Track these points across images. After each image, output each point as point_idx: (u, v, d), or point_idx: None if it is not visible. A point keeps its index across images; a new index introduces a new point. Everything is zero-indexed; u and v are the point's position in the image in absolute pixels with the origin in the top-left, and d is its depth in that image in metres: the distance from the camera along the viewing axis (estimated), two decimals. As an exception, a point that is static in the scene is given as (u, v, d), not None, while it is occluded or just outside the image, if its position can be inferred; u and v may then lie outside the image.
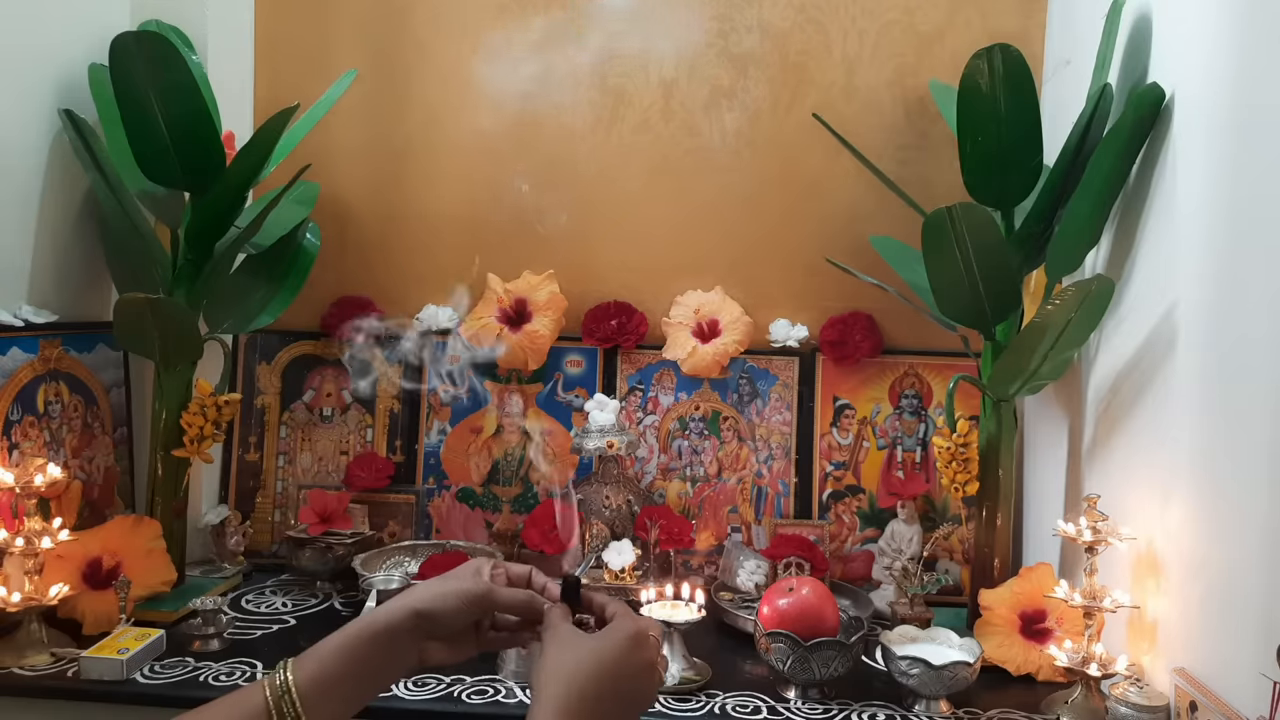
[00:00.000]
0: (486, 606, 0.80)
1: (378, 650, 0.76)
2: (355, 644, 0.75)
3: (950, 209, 1.16)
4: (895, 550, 1.49)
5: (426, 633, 0.78)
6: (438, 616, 0.77)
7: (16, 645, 1.18)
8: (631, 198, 1.65)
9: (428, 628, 0.77)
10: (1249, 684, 0.89)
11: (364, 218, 1.69)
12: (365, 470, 1.60)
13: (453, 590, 0.78)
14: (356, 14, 1.66)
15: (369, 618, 0.77)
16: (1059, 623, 1.24)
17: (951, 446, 1.32)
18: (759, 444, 1.62)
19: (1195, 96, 1.09)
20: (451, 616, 0.78)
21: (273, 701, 0.72)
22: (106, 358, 1.50)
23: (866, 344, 1.58)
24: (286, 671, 0.73)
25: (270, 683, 0.73)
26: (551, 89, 1.65)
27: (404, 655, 0.77)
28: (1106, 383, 1.26)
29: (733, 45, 1.63)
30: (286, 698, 0.72)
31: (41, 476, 1.20)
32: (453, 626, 0.79)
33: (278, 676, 0.73)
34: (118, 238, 1.46)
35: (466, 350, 1.56)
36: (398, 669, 0.78)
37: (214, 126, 1.35)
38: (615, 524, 1.47)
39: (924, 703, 1.14)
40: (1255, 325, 0.93)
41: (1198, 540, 1.03)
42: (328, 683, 0.73)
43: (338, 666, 0.74)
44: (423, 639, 0.78)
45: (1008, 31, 1.56)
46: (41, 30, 1.38)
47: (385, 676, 0.77)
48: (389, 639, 0.76)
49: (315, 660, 0.74)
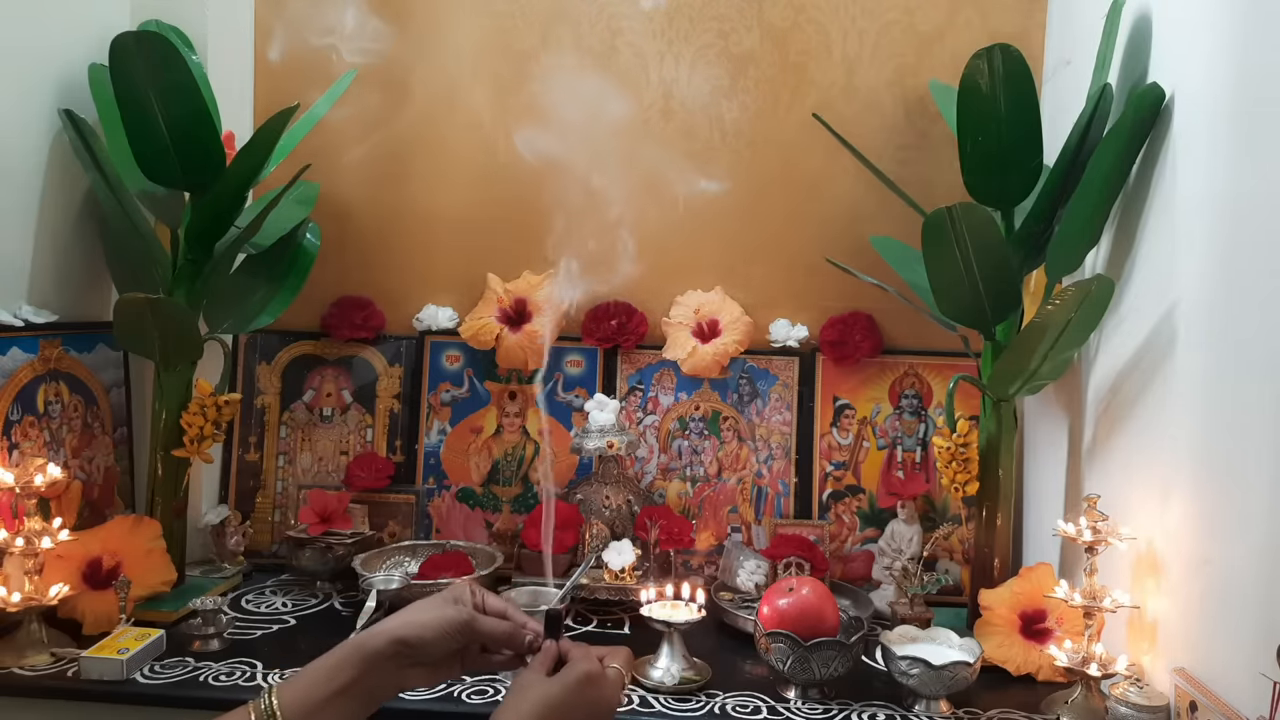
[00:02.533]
0: (469, 636, 0.82)
1: (361, 676, 0.78)
2: (339, 669, 0.77)
3: (950, 209, 1.16)
4: (895, 550, 1.49)
5: (409, 659, 0.80)
6: (420, 645, 0.80)
7: (16, 645, 1.18)
8: (632, 198, 1.64)
9: (410, 654, 0.80)
10: (1249, 684, 0.89)
11: (364, 218, 1.69)
12: (365, 470, 1.60)
13: (435, 620, 0.81)
14: (356, 14, 1.66)
15: (353, 643, 0.79)
16: (1059, 623, 1.24)
17: (951, 446, 1.32)
18: (759, 444, 1.62)
19: (1195, 96, 1.09)
20: (434, 645, 0.80)
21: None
22: (106, 358, 1.50)
23: (866, 344, 1.58)
24: (272, 696, 0.75)
25: (255, 707, 0.75)
26: (551, 89, 1.65)
27: (387, 681, 0.80)
28: (1106, 383, 1.26)
29: (733, 45, 1.63)
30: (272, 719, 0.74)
31: (41, 476, 1.20)
32: (435, 654, 0.81)
33: (263, 701, 0.75)
34: (118, 238, 1.46)
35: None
36: (380, 694, 0.80)
37: (214, 126, 1.35)
38: (615, 524, 1.47)
39: (924, 703, 1.14)
40: (1255, 325, 0.93)
41: (1198, 540, 1.03)
42: (312, 707, 0.75)
43: (322, 690, 0.76)
44: (406, 665, 0.80)
45: (1008, 31, 1.56)
46: (41, 30, 1.38)
47: (369, 701, 0.79)
48: (372, 665, 0.78)
49: (300, 685, 0.76)
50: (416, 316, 1.67)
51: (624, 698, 0.85)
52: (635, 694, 1.17)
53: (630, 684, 1.19)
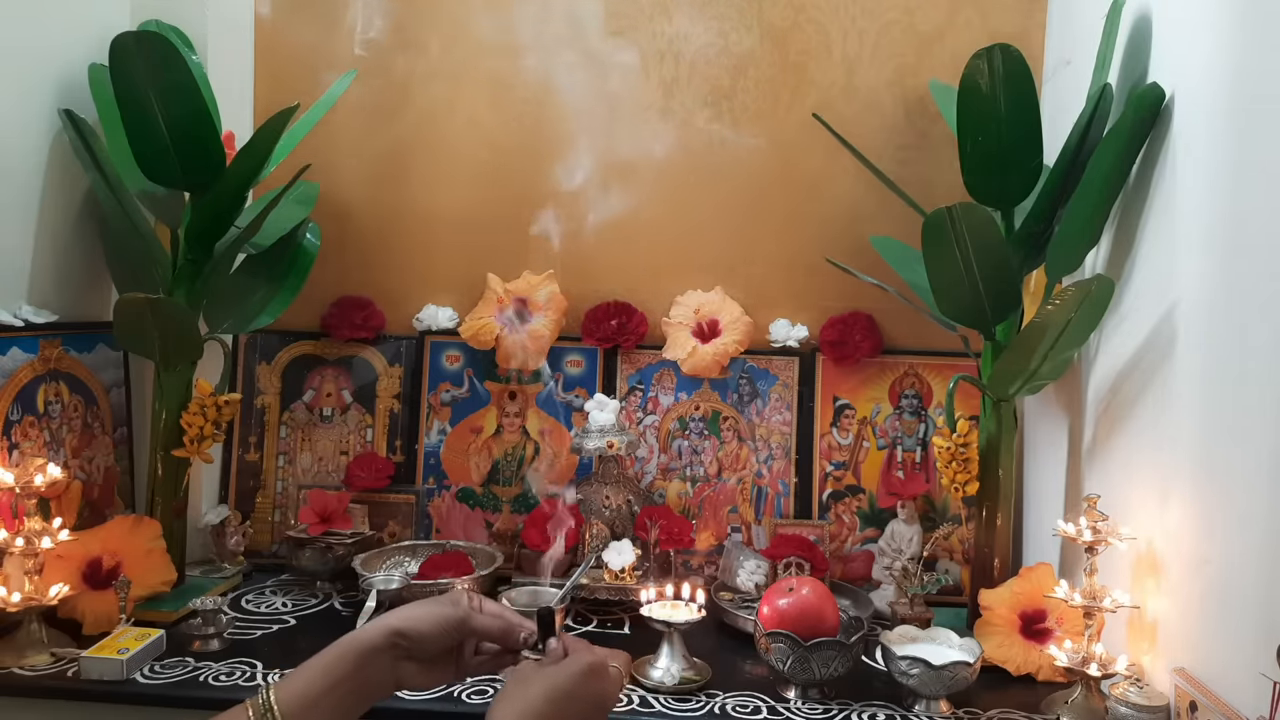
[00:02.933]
0: (464, 631, 0.83)
1: (357, 670, 0.78)
2: (335, 663, 0.78)
3: (950, 209, 1.16)
4: (895, 550, 1.49)
5: (405, 653, 0.80)
6: (416, 637, 0.80)
7: (16, 645, 1.18)
8: (632, 198, 1.64)
9: (406, 647, 0.80)
10: (1249, 684, 0.89)
11: (364, 218, 1.69)
12: (365, 470, 1.60)
13: (431, 613, 0.82)
14: (357, 14, 1.66)
15: (349, 637, 0.80)
16: (1059, 623, 1.24)
17: (951, 446, 1.32)
18: (759, 444, 1.62)
19: (1195, 96, 1.09)
20: (430, 638, 0.81)
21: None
22: (106, 358, 1.50)
23: (866, 344, 1.58)
24: (269, 693, 0.75)
25: (253, 704, 0.75)
26: (551, 90, 1.65)
27: (383, 675, 0.80)
28: (1106, 383, 1.26)
29: (733, 45, 1.63)
30: (269, 716, 0.74)
31: (41, 476, 1.20)
32: (430, 649, 0.82)
33: (260, 697, 0.75)
34: (118, 238, 1.46)
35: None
36: (376, 689, 0.80)
37: (214, 126, 1.35)
38: (615, 524, 1.47)
39: (924, 703, 1.14)
40: (1255, 325, 0.93)
41: (1197, 540, 1.03)
42: (310, 701, 0.76)
43: (319, 685, 0.77)
44: (401, 659, 0.81)
45: (1008, 31, 1.56)
46: (41, 30, 1.38)
47: (365, 696, 0.79)
48: (368, 658, 0.79)
49: (297, 681, 0.77)
50: (416, 316, 1.67)
51: (622, 698, 0.85)
52: (635, 694, 1.17)
53: (630, 684, 1.19)
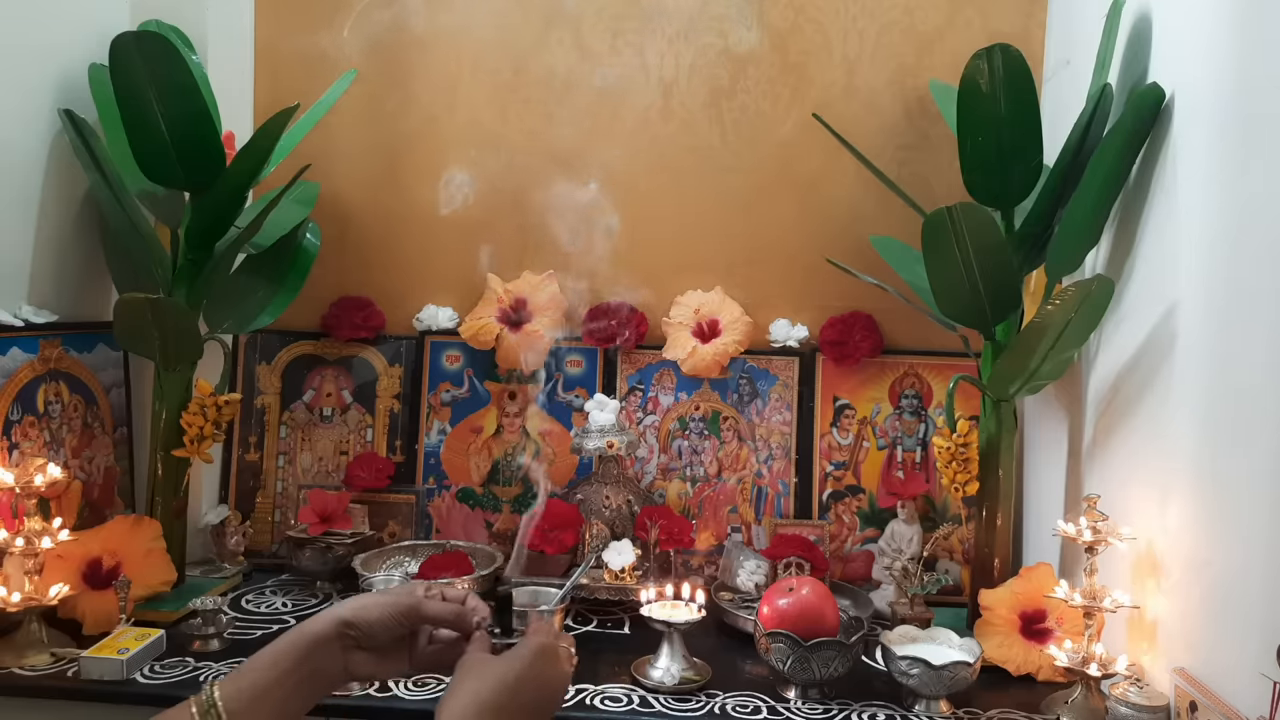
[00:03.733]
0: (414, 618, 0.82)
1: (305, 659, 0.77)
2: (283, 655, 0.77)
3: (950, 209, 1.16)
4: (895, 550, 1.49)
5: (354, 642, 0.80)
6: (365, 626, 0.79)
7: (16, 645, 1.18)
8: (632, 198, 1.64)
9: (355, 637, 0.79)
10: (1249, 684, 0.89)
11: (364, 218, 1.69)
12: (365, 470, 1.60)
13: (380, 602, 0.81)
14: (356, 14, 1.66)
15: (297, 628, 0.79)
16: (1059, 623, 1.24)
17: (951, 446, 1.32)
18: (759, 444, 1.62)
19: (1195, 96, 1.09)
20: (378, 626, 0.80)
21: (199, 717, 0.73)
22: (106, 358, 1.50)
23: (866, 344, 1.58)
24: (213, 688, 0.75)
25: (197, 700, 0.74)
26: (551, 90, 1.65)
27: (331, 665, 0.79)
28: (1106, 383, 1.26)
29: (733, 45, 1.63)
30: (213, 711, 0.73)
31: (41, 476, 1.20)
32: (380, 638, 0.81)
33: (204, 693, 0.74)
34: (118, 238, 1.46)
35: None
36: (326, 680, 0.79)
37: (214, 126, 1.35)
38: (615, 524, 1.47)
39: (924, 703, 1.14)
40: (1255, 325, 0.93)
41: (1198, 540, 1.03)
42: (257, 694, 0.75)
43: (266, 678, 0.76)
44: (351, 648, 0.80)
45: (1008, 31, 1.56)
46: (41, 30, 1.38)
47: (315, 687, 0.78)
48: (316, 648, 0.78)
49: (244, 674, 0.76)
50: (416, 316, 1.67)
51: (572, 672, 0.84)
52: (635, 694, 1.17)
53: (630, 684, 1.19)
